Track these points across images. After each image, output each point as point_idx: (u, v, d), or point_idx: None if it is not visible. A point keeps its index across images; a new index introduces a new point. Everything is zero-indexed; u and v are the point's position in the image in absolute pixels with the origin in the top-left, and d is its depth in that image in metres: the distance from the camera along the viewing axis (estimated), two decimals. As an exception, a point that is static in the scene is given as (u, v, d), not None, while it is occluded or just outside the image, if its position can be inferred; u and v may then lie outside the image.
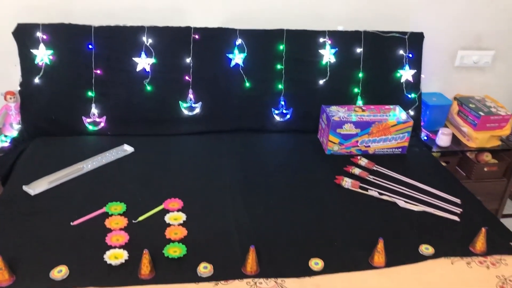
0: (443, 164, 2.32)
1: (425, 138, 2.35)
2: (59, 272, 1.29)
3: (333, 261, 1.40)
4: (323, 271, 1.36)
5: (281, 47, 2.13)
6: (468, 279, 1.37)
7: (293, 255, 1.42)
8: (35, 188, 1.66)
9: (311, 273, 1.36)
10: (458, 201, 1.73)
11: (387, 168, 1.94)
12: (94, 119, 2.07)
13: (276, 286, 1.30)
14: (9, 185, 1.71)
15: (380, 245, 1.39)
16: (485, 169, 2.35)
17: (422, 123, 2.40)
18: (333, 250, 1.45)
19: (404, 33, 2.22)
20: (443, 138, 2.30)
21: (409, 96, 2.29)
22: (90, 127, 2.08)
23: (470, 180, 2.37)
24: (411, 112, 2.28)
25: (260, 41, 2.12)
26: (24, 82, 2.02)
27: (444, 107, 2.43)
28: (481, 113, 2.28)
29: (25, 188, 1.66)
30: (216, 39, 2.09)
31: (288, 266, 1.38)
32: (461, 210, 1.67)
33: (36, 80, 2.00)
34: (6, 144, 2.05)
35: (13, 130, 2.10)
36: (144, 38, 2.03)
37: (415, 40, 2.24)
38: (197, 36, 2.06)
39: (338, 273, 1.37)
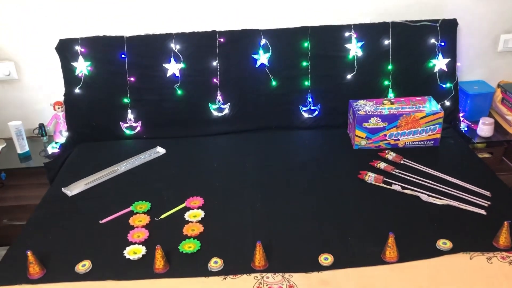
0: (487, 155, 2.21)
1: (466, 129, 2.24)
2: (83, 266, 1.40)
3: (343, 257, 1.40)
4: (332, 267, 1.37)
5: (306, 44, 2.13)
6: (486, 275, 1.31)
7: (304, 250, 1.44)
8: (73, 189, 1.81)
9: (319, 268, 1.36)
10: (488, 193, 1.65)
11: (417, 161, 1.88)
12: (131, 124, 2.21)
13: (283, 281, 1.32)
14: (52, 187, 1.88)
15: (391, 240, 1.37)
16: (535, 159, 2.20)
17: (462, 113, 2.29)
18: (345, 246, 1.45)
19: (436, 21, 2.14)
20: (484, 128, 2.18)
21: (444, 86, 2.19)
22: (128, 132, 2.22)
23: (518, 172, 2.23)
24: (447, 103, 2.19)
25: (284, 39, 2.14)
26: (67, 92, 2.20)
27: (486, 95, 2.30)
28: (526, 100, 2.14)
29: (64, 190, 1.81)
30: (241, 41, 2.15)
31: (297, 261, 1.40)
32: (489, 203, 1.59)
33: (77, 90, 2.17)
34: (56, 150, 2.23)
35: (62, 137, 2.28)
36: (173, 45, 2.13)
37: (448, 28, 2.15)
38: (222, 39, 2.13)
39: (347, 268, 1.36)
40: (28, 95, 2.36)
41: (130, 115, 2.20)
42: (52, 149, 2.24)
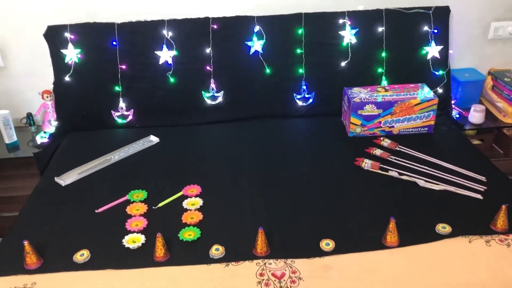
0: (477, 142, 2.24)
1: (457, 116, 2.26)
2: (81, 256, 1.38)
3: (344, 242, 1.40)
4: (334, 252, 1.37)
5: (300, 31, 2.12)
6: (485, 257, 1.33)
7: (305, 236, 1.44)
8: (66, 179, 1.77)
9: (321, 253, 1.37)
10: (483, 179, 1.67)
11: (412, 148, 1.90)
12: (122, 112, 2.17)
13: (286, 267, 1.32)
14: (44, 177, 1.84)
15: (392, 225, 1.38)
16: (524, 145, 2.24)
17: (453, 101, 2.31)
18: (346, 231, 1.45)
19: (429, 8, 2.14)
20: (475, 115, 2.20)
21: (437, 73, 2.21)
22: (119, 120, 2.18)
23: (508, 158, 2.26)
24: (440, 90, 2.21)
25: (278, 26, 2.13)
26: (57, 80, 2.14)
27: (477, 82, 2.32)
28: (517, 87, 2.17)
29: (56, 179, 1.77)
30: (235, 28, 2.12)
31: (299, 247, 1.40)
32: (485, 188, 1.61)
33: (67, 78, 2.12)
34: (45, 140, 2.18)
35: (51, 126, 2.23)
36: (165, 32, 2.09)
37: (441, 15, 2.16)
38: (215, 26, 2.10)
39: (349, 253, 1.37)
40: (15, 84, 2.30)
41: (122, 104, 2.16)
42: (41, 139, 2.19)
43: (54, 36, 2.09)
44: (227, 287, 1.28)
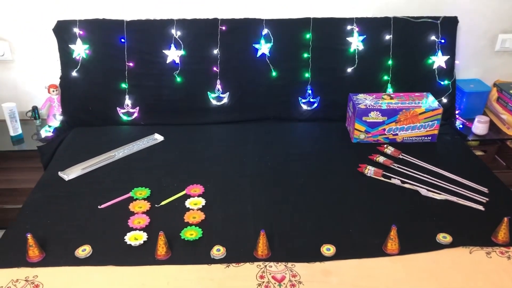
0: (480, 153, 2.24)
1: (461, 126, 2.27)
2: (83, 251, 1.38)
3: (345, 248, 1.41)
4: (334, 257, 1.37)
5: (308, 35, 2.13)
6: (485, 269, 1.33)
7: (306, 241, 1.44)
8: (69, 174, 1.78)
9: (322, 258, 1.37)
10: (485, 190, 1.67)
11: (415, 156, 1.90)
12: (128, 109, 2.18)
13: (286, 270, 1.33)
14: (48, 171, 1.84)
15: (393, 232, 1.38)
16: (527, 158, 2.24)
17: (458, 111, 2.32)
18: (347, 237, 1.46)
19: (437, 18, 2.15)
20: (479, 126, 2.21)
21: (442, 83, 2.22)
22: (124, 117, 2.19)
23: (511, 170, 2.27)
24: (444, 100, 2.22)
25: (287, 30, 2.14)
26: (63, 75, 2.15)
27: (482, 93, 2.33)
28: (521, 100, 2.18)
29: (60, 174, 1.78)
30: (243, 30, 2.13)
31: (300, 251, 1.40)
32: (487, 199, 1.62)
33: (74, 73, 2.13)
34: (50, 134, 2.19)
35: (56, 120, 2.24)
36: (173, 31, 2.10)
37: (448, 25, 2.17)
38: (224, 27, 2.11)
39: (349, 259, 1.37)
40: (22, 77, 2.31)
41: (128, 101, 2.17)
42: (46, 132, 2.20)
43: (63, 31, 2.10)
44: (227, 288, 1.28)
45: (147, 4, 2.15)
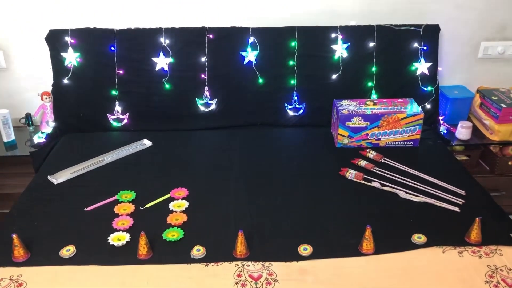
0: (464, 158, 2.28)
1: (445, 131, 2.31)
2: (67, 251, 1.43)
3: (322, 248, 1.45)
4: (311, 256, 1.41)
5: (293, 43, 2.18)
6: (457, 267, 1.37)
7: (284, 241, 1.48)
8: (58, 177, 1.83)
9: (299, 258, 1.41)
10: (462, 192, 1.71)
11: (397, 161, 1.94)
12: (118, 116, 2.23)
13: (263, 269, 1.37)
14: (38, 176, 1.89)
15: (368, 232, 1.42)
16: (510, 163, 2.28)
17: (442, 117, 2.36)
18: (324, 238, 1.50)
19: (419, 26, 2.20)
20: (462, 132, 2.25)
21: (425, 89, 2.27)
22: (115, 123, 2.24)
23: (494, 175, 2.30)
24: (428, 106, 2.26)
25: (272, 38, 2.19)
26: (55, 83, 2.21)
27: (465, 99, 2.37)
28: (503, 105, 2.21)
29: (49, 177, 1.83)
30: (230, 38, 2.19)
31: (278, 251, 1.44)
32: (463, 201, 1.66)
33: (66, 81, 2.19)
34: (42, 140, 2.24)
35: (49, 127, 2.29)
36: (162, 39, 2.16)
37: (430, 33, 2.22)
38: (211, 36, 2.16)
39: (326, 258, 1.41)
40: (15, 84, 2.37)
41: (118, 107, 2.22)
42: (38, 138, 2.25)
43: (55, 40, 2.16)
44: (205, 286, 1.32)
45: (136, 14, 2.22)
